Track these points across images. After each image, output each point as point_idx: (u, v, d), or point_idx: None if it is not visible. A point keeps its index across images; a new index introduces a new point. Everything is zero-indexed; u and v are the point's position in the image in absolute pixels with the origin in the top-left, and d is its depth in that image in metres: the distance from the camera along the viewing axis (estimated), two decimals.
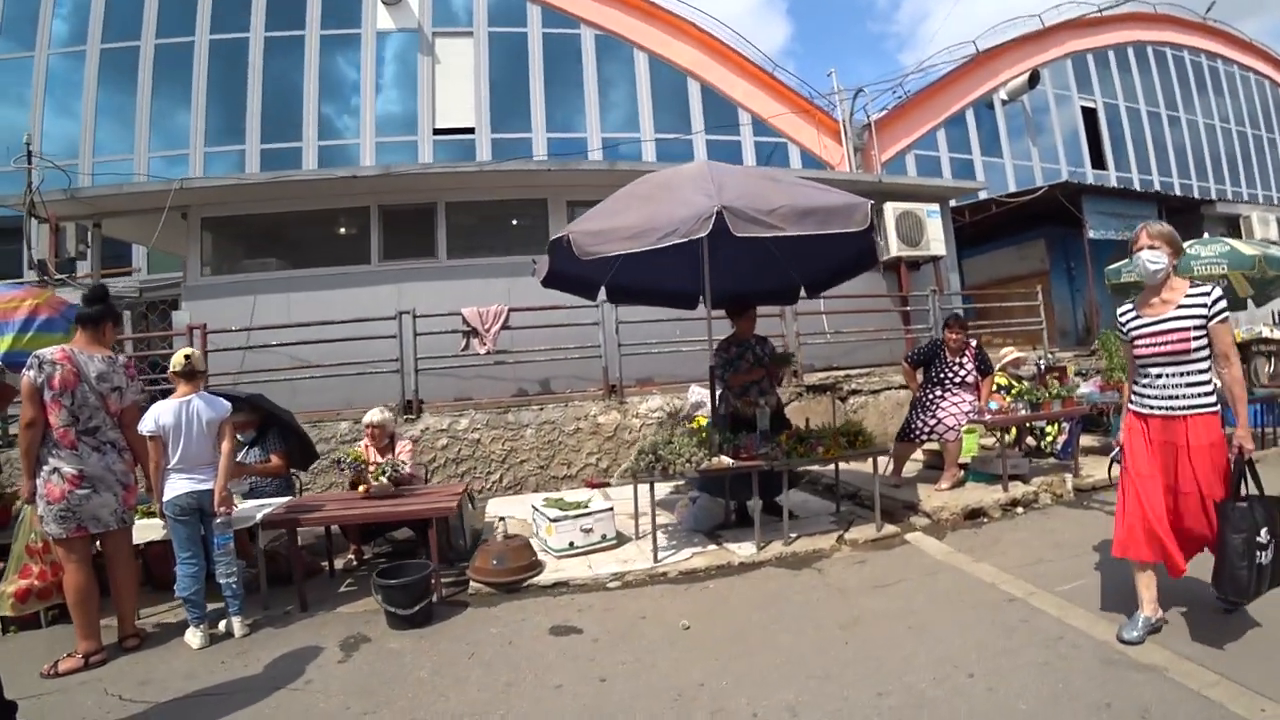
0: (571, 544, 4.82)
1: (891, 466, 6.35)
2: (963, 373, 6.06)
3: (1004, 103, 17.65)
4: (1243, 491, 3.03)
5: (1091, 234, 11.31)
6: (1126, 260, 7.48)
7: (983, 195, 12.75)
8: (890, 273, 10.23)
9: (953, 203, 13.01)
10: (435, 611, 4.04)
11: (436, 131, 14.98)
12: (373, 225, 9.50)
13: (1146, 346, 3.19)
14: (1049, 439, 6.99)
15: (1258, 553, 2.88)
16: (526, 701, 2.99)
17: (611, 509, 5.01)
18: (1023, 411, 6.03)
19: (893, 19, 71.68)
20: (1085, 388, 6.89)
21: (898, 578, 4.20)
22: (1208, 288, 3.12)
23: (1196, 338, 3.05)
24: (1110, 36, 20.32)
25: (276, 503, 4.75)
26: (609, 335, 7.80)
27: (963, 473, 6.04)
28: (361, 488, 4.86)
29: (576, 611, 3.99)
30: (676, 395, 7.84)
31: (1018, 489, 5.68)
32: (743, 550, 4.73)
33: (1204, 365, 3.09)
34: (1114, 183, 18.13)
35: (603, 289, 5.72)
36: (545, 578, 4.47)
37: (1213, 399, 3.08)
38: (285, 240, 9.93)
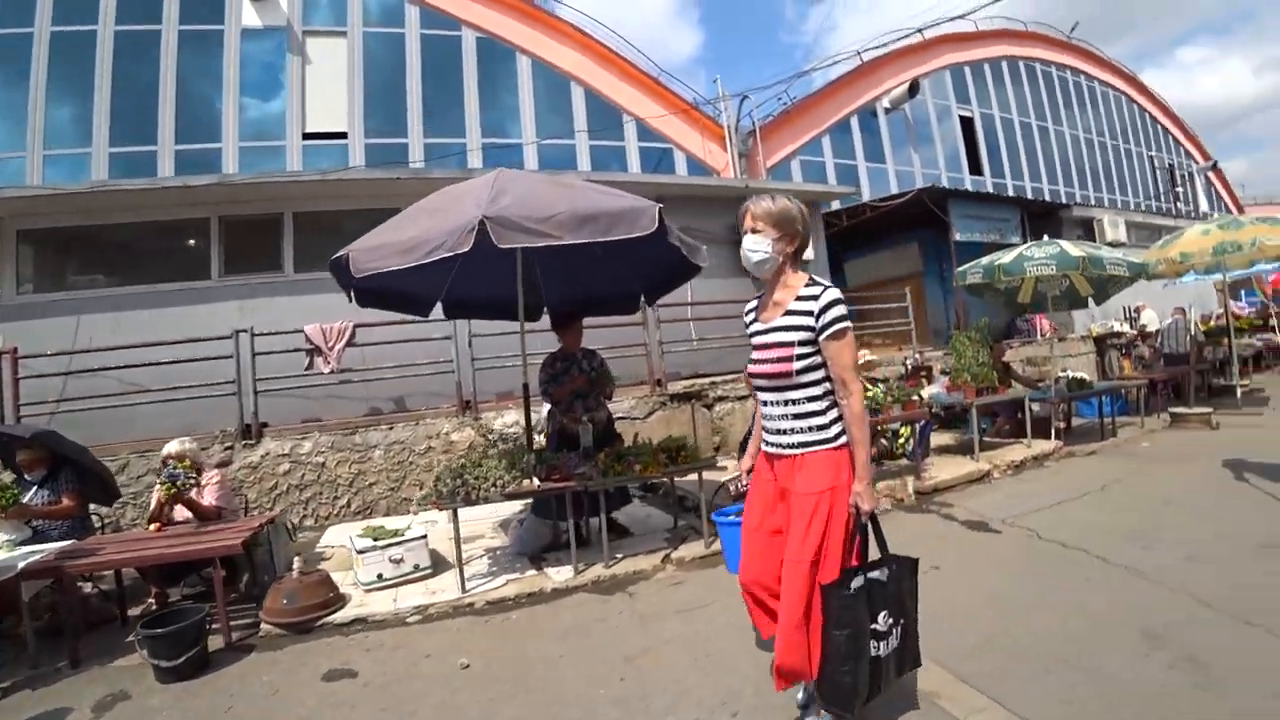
0: (380, 576, 4.54)
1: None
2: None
3: (886, 111, 18.22)
4: (871, 556, 2.42)
5: (958, 236, 11.70)
6: (974, 262, 7.70)
7: (836, 203, 13.01)
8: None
9: (835, 205, 13.31)
10: (215, 659, 3.72)
11: (306, 136, 14.21)
12: (213, 238, 8.87)
13: (752, 364, 2.51)
14: (901, 441, 7.05)
15: (873, 645, 2.27)
16: None
17: (425, 537, 4.74)
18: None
19: (800, 30, 73.93)
20: (932, 388, 7.00)
21: (708, 600, 3.98)
22: (817, 290, 2.33)
23: (801, 355, 2.30)
24: (985, 51, 21.36)
25: (48, 549, 4.22)
26: (462, 349, 7.52)
27: None
28: (153, 526, 4.55)
29: (363, 652, 3.71)
30: (536, 409, 7.55)
31: None
32: (560, 575, 4.51)
33: (816, 392, 2.34)
34: (989, 188, 19.02)
35: (439, 305, 5.38)
36: (343, 615, 4.15)
37: (831, 433, 2.33)
38: (118, 255, 9.08)
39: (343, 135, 14.24)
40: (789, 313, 2.36)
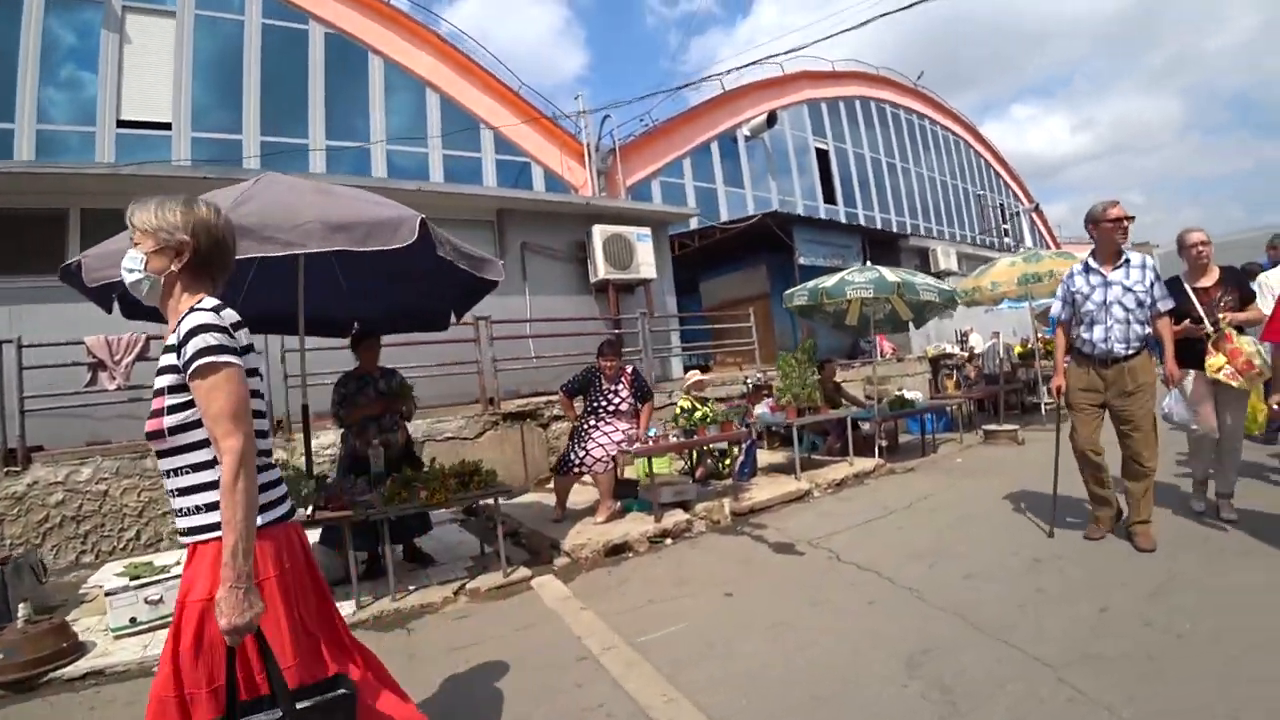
0: (133, 620, 4.08)
1: (556, 500, 5.96)
2: (617, 400, 5.81)
3: (747, 139, 18.78)
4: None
5: (801, 260, 12.09)
6: (800, 285, 7.85)
7: (695, 223, 13.19)
8: (602, 295, 10.08)
9: (693, 224, 13.44)
10: None
11: (121, 124, 12.76)
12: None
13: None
14: (729, 461, 7.01)
15: None
16: None
17: None
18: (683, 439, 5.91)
19: (680, 59, 76.02)
20: (759, 408, 7.02)
21: (487, 636, 3.71)
22: (185, 319, 1.69)
23: (173, 408, 1.68)
24: (840, 89, 22.63)
25: None
26: (273, 366, 6.68)
27: (617, 504, 5.76)
28: None
29: (87, 711, 3.30)
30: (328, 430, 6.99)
31: (673, 518, 5.47)
32: (341, 611, 3.96)
33: (204, 457, 1.69)
34: (842, 218, 20.02)
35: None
36: (78, 667, 3.68)
37: (207, 520, 1.68)
38: None
39: (167, 126, 12.90)
40: (165, 349, 1.73)
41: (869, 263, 14.49)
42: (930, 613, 3.42)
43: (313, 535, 4.92)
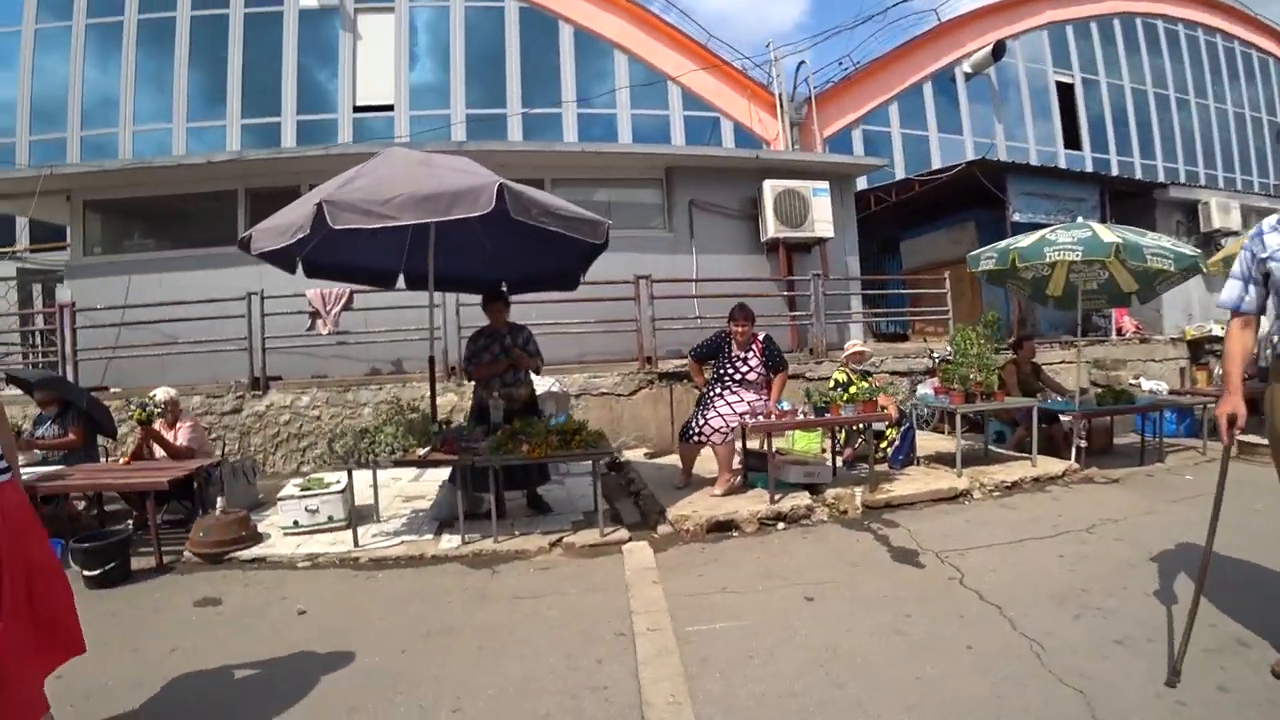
0: (296, 523, 4.95)
1: (681, 466, 5.74)
2: (745, 369, 5.38)
3: (968, 76, 16.57)
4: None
5: (1016, 216, 10.44)
6: (989, 245, 6.68)
7: (901, 172, 11.86)
8: (774, 254, 9.46)
9: (899, 173, 12.16)
10: (139, 576, 4.33)
11: (357, 109, 14.42)
12: (240, 208, 9.57)
13: None
14: (884, 444, 6.25)
15: None
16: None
17: (344, 490, 4.96)
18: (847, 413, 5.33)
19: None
20: (922, 388, 6.15)
21: (552, 591, 3.85)
22: None
23: None
24: (1094, 7, 18.98)
25: (38, 471, 4.92)
26: (449, 318, 7.76)
27: (738, 479, 5.35)
28: (124, 459, 5.59)
29: (243, 586, 4.15)
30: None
31: (793, 501, 4.99)
32: (448, 544, 4.62)
33: None
34: (1089, 165, 17.03)
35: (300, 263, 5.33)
36: (251, 552, 4.63)
37: None
38: (166, 222, 10.14)
39: (390, 108, 14.36)
40: None
41: (1110, 220, 12.19)
42: (1041, 680, 2.66)
43: (443, 475, 5.67)
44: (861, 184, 13.20)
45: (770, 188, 8.90)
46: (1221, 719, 2.38)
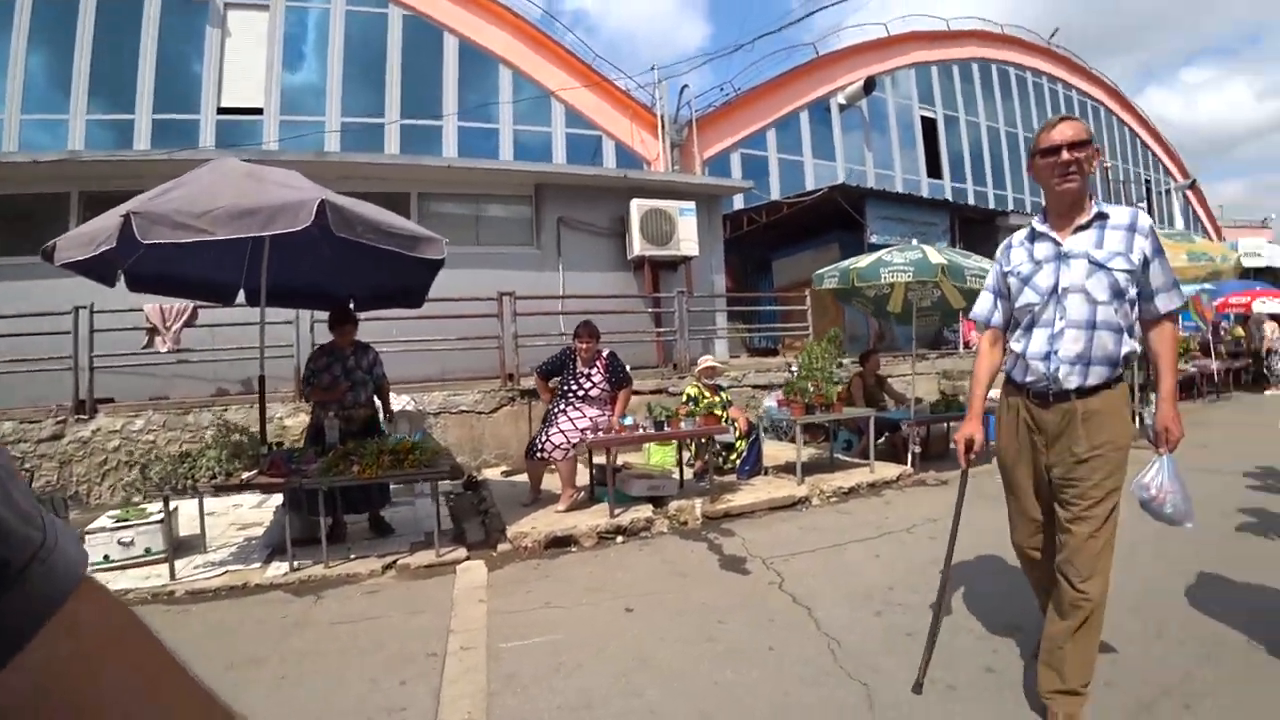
0: (107, 557, 4.56)
1: (530, 483, 5.70)
2: (588, 385, 5.43)
3: (842, 107, 17.55)
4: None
5: (874, 238, 11.09)
6: (832, 265, 7.07)
7: (778, 193, 12.35)
8: (640, 272, 9.64)
9: (775, 193, 12.62)
10: None
11: (222, 111, 13.62)
12: (72, 214, 8.67)
13: None
14: (734, 456, 6.44)
15: None
16: None
17: (163, 520, 4.61)
18: (686, 427, 5.45)
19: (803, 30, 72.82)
20: (767, 401, 6.39)
21: (373, 615, 3.73)
22: None
23: None
24: (955, 51, 20.65)
25: None
26: (303, 335, 7.33)
27: (582, 494, 5.38)
28: None
29: None
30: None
31: (633, 515, 5.05)
32: (274, 571, 4.38)
33: None
34: (949, 194, 18.35)
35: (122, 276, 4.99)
36: None
37: None
38: None
39: (259, 111, 13.66)
40: None
41: (959, 243, 13.20)
42: (831, 677, 2.81)
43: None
44: (739, 204, 13.74)
45: (637, 207, 9.07)
46: (984, 698, 2.59)
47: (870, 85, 16.96)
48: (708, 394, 6.63)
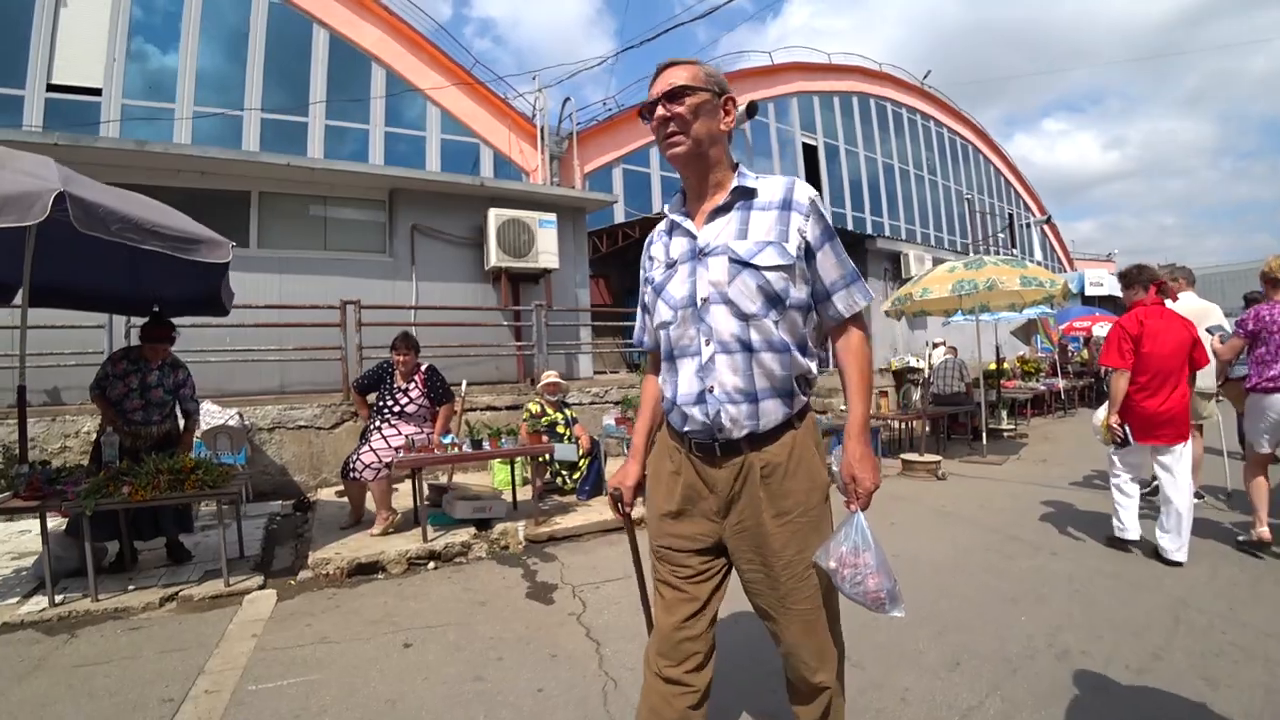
0: None
1: (349, 505, 5.33)
2: (405, 401, 5.15)
3: None
4: None
5: None
6: None
7: (663, 206, 12.37)
8: (500, 284, 9.36)
9: (659, 205, 12.58)
10: None
11: (53, 88, 12.32)
12: None
13: None
14: (576, 476, 6.26)
15: None
16: None
17: None
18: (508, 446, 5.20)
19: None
20: (607, 419, 6.26)
21: (126, 655, 3.34)
22: None
23: None
24: (836, 84, 21.66)
25: None
26: (117, 340, 6.68)
27: (397, 515, 5.06)
28: None
29: None
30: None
31: (450, 538, 4.79)
32: (30, 607, 3.87)
33: None
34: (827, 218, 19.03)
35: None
36: None
37: None
38: None
39: (98, 92, 12.45)
40: None
41: None
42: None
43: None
44: (620, 217, 13.71)
45: (495, 216, 8.80)
46: None
47: (753, 109, 17.27)
48: (550, 411, 6.43)
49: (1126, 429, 4.31)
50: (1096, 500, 5.82)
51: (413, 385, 5.20)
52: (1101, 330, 15.86)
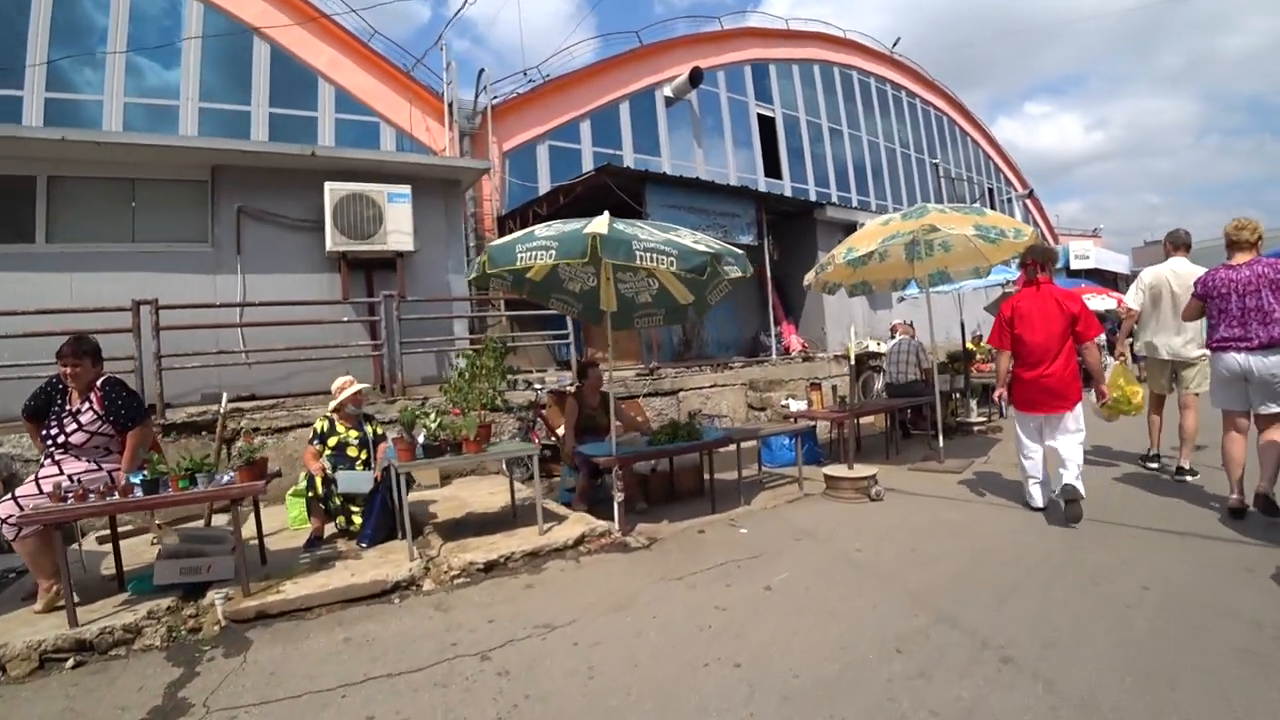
0: None
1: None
2: (72, 427, 3.67)
3: (668, 101, 16.38)
4: None
5: None
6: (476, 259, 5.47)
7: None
8: (356, 272, 7.83)
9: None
10: None
11: None
12: None
13: None
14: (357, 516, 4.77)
15: None
16: None
17: None
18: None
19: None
20: (389, 442, 4.77)
21: None
22: None
23: None
24: (795, 51, 20.06)
25: None
26: None
27: (57, 586, 3.56)
28: None
29: None
30: None
31: (113, 619, 3.33)
32: None
33: None
34: (789, 194, 17.50)
35: None
36: None
37: None
38: None
39: None
40: None
41: (768, 236, 12.13)
42: None
43: None
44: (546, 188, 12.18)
45: (331, 192, 7.26)
46: None
47: (697, 77, 15.86)
48: (342, 428, 4.95)
49: (1001, 401, 5.08)
50: (1083, 541, 4.17)
51: (87, 406, 3.72)
52: (1090, 303, 14.35)
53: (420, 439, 4.46)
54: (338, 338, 7.42)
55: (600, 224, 4.34)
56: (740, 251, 4.80)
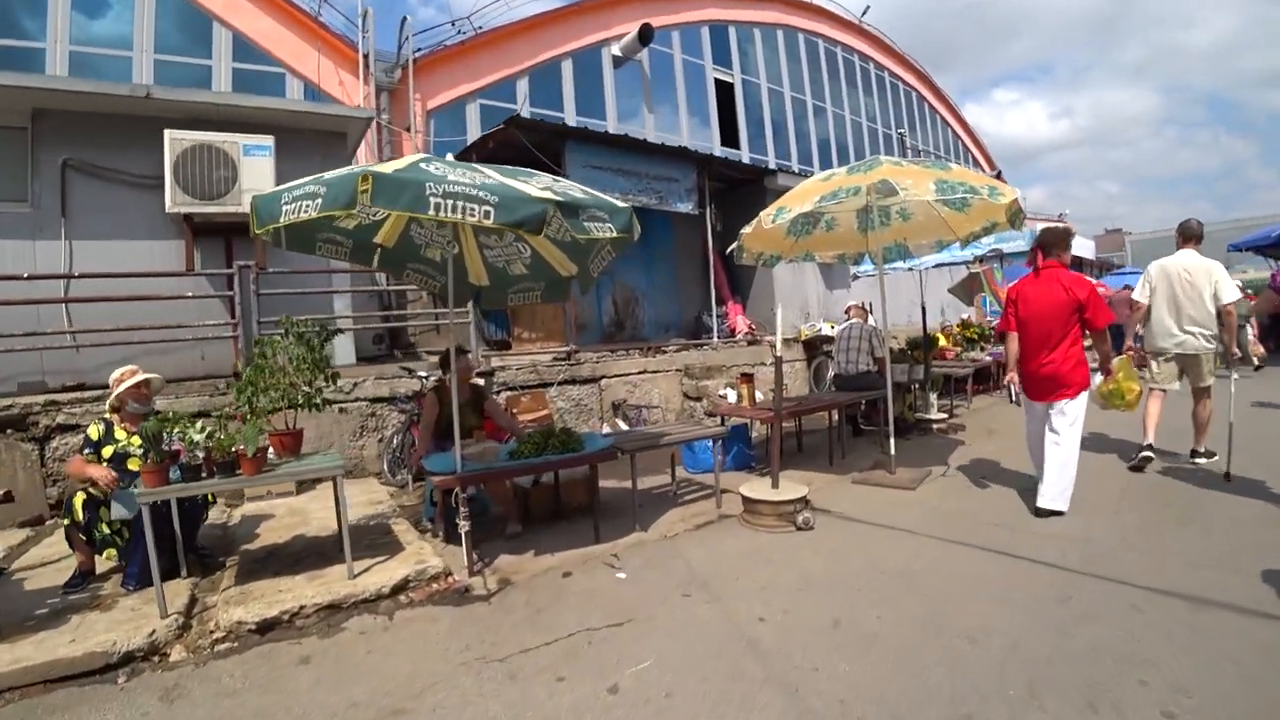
0: None
1: None
2: None
3: (617, 61, 15.20)
4: None
5: None
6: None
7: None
8: (215, 239, 6.70)
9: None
10: None
11: None
12: None
13: None
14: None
15: None
16: None
17: None
18: None
19: None
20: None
21: None
22: None
23: None
24: (757, 14, 18.89)
25: None
26: None
27: None
28: None
29: None
30: None
31: None
32: None
33: None
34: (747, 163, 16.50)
35: None
36: None
37: None
38: None
39: None
40: None
41: (710, 205, 11.13)
42: None
43: None
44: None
45: (172, 141, 6.09)
46: None
47: (647, 35, 14.68)
48: (123, 433, 3.90)
49: (1012, 386, 4.93)
50: (1079, 606, 3.24)
51: None
52: None
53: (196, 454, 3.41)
54: (191, 316, 6.30)
55: (391, 164, 3.32)
56: (623, 205, 3.75)
